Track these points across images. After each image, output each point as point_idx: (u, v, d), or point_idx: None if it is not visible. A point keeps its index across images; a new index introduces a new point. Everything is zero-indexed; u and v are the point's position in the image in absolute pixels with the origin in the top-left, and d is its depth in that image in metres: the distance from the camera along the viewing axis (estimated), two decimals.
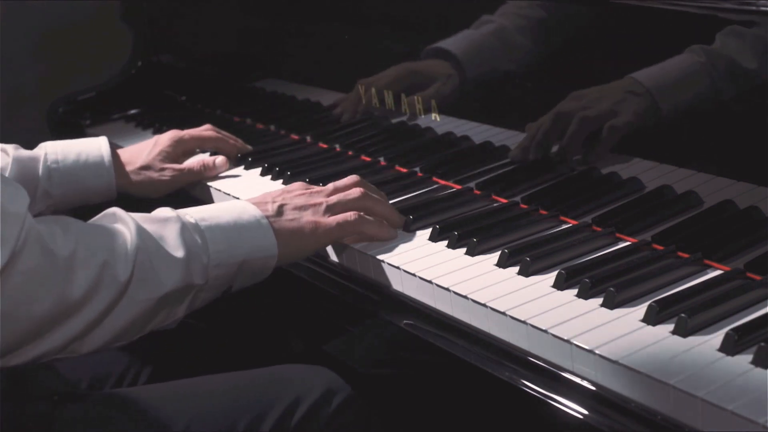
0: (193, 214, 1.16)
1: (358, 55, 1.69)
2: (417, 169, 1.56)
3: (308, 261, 1.33)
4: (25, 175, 1.51)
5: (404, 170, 1.58)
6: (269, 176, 1.64)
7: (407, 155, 1.60)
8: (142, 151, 1.66)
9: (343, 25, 1.71)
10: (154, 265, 1.08)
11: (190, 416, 1.17)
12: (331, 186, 1.31)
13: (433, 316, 1.16)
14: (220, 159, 1.67)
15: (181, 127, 1.97)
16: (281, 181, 1.61)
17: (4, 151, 1.53)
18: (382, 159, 1.64)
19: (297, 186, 1.31)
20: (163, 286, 1.08)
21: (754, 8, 1.08)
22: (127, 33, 2.34)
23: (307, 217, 1.24)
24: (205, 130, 1.75)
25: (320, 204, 1.26)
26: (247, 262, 1.16)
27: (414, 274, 1.19)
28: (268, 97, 2.01)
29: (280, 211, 1.23)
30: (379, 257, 1.25)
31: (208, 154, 1.73)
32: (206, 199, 1.65)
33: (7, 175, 1.50)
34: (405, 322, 1.18)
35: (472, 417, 1.19)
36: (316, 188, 1.31)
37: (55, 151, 1.57)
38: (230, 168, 1.70)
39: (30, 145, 1.60)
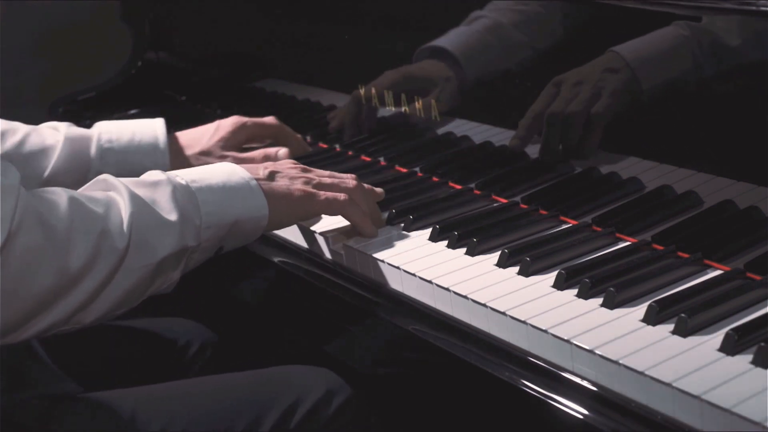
0: (183, 175, 1.16)
1: (357, 55, 1.69)
2: (417, 169, 1.56)
3: (308, 261, 1.33)
4: (76, 154, 1.49)
5: (404, 170, 1.58)
6: None
7: (407, 155, 1.60)
8: (203, 136, 1.61)
9: (343, 25, 1.71)
10: (150, 230, 1.08)
11: (188, 416, 1.17)
12: (327, 172, 1.32)
13: (433, 316, 1.16)
14: (283, 151, 1.60)
15: (182, 127, 1.98)
16: None
17: (55, 129, 1.51)
18: (382, 159, 1.64)
19: (290, 161, 1.32)
20: (159, 251, 1.09)
21: (754, 8, 1.08)
22: (127, 33, 2.34)
23: (298, 185, 1.25)
24: (270, 119, 1.68)
25: (312, 178, 1.27)
26: (239, 223, 1.17)
27: (414, 274, 1.19)
28: (268, 97, 2.01)
29: (271, 176, 1.24)
30: (380, 257, 1.25)
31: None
32: None
33: (57, 154, 1.49)
34: (405, 322, 1.18)
35: (472, 417, 1.19)
36: (307, 167, 1.32)
37: (109, 130, 1.54)
38: None
39: None
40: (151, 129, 1.56)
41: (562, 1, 1.31)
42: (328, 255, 1.34)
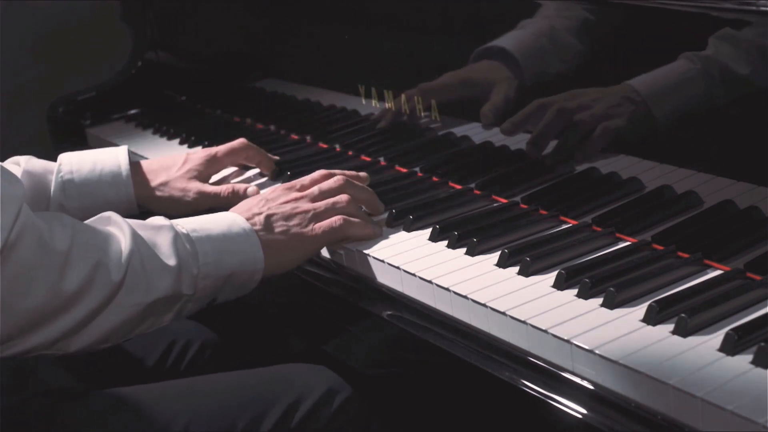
0: (184, 224, 1.18)
1: (357, 55, 1.69)
2: (417, 169, 1.56)
3: (308, 261, 1.33)
4: (35, 187, 1.47)
5: (404, 170, 1.58)
6: None
7: (407, 155, 1.60)
8: (171, 166, 1.55)
9: (343, 25, 1.71)
10: (147, 271, 1.10)
11: (190, 416, 1.17)
12: (316, 189, 1.31)
13: (433, 316, 1.16)
14: (251, 189, 1.52)
15: (182, 128, 1.98)
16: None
17: (17, 163, 1.48)
18: (382, 159, 1.64)
19: (280, 191, 1.32)
20: (153, 293, 1.10)
21: (753, 8, 1.08)
22: (127, 33, 2.34)
23: (295, 228, 1.25)
24: (240, 144, 1.62)
25: (307, 212, 1.27)
26: (235, 275, 1.18)
27: (414, 274, 1.19)
28: (268, 97, 2.01)
29: (267, 223, 1.24)
30: (379, 257, 1.25)
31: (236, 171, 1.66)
32: None
33: None
34: (405, 322, 1.18)
35: (472, 417, 1.19)
36: (298, 193, 1.31)
37: (70, 161, 1.50)
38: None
39: (29, 144, 1.59)
40: (114, 158, 1.51)
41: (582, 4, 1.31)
42: (327, 255, 1.34)
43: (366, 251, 1.27)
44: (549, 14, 1.34)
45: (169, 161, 1.57)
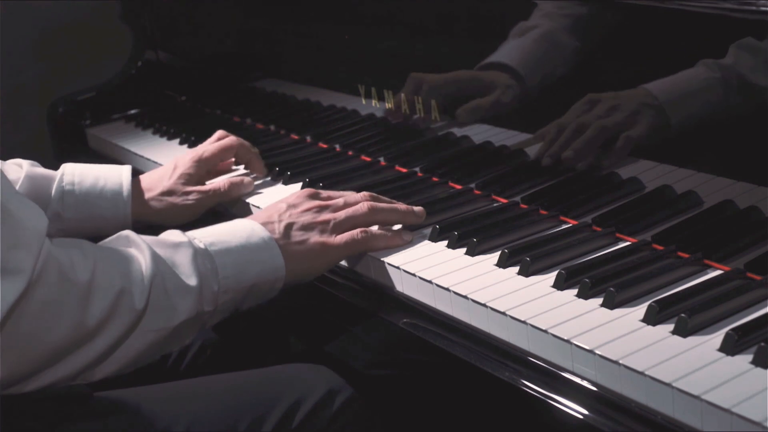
0: (202, 238, 1.15)
1: (358, 55, 1.69)
2: (417, 169, 1.56)
3: None
4: (35, 192, 1.46)
5: (404, 170, 1.58)
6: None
7: (407, 155, 1.60)
8: (163, 177, 1.54)
9: (344, 25, 1.71)
10: (169, 294, 1.08)
11: (191, 417, 1.17)
12: (341, 201, 1.30)
13: (433, 316, 1.16)
14: (248, 178, 1.56)
15: (182, 128, 1.98)
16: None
17: (19, 165, 1.48)
18: (382, 159, 1.64)
19: (303, 198, 1.29)
20: (177, 316, 1.09)
21: (753, 8, 1.08)
22: (127, 33, 2.34)
23: (315, 237, 1.23)
24: (220, 138, 1.63)
25: (328, 222, 1.25)
26: (256, 286, 1.17)
27: (414, 274, 1.19)
28: (268, 97, 2.01)
29: (287, 232, 1.22)
30: (380, 258, 1.25)
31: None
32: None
33: (17, 189, 1.48)
34: (405, 321, 1.18)
35: (472, 417, 1.19)
36: (321, 201, 1.29)
37: (72, 172, 1.49)
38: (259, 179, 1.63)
39: (29, 144, 1.59)
40: (117, 176, 1.50)
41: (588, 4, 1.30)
42: None
43: (366, 252, 1.27)
44: (549, 14, 1.34)
45: (160, 172, 1.57)
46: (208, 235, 1.16)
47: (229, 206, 1.58)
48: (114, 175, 1.51)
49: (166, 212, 1.51)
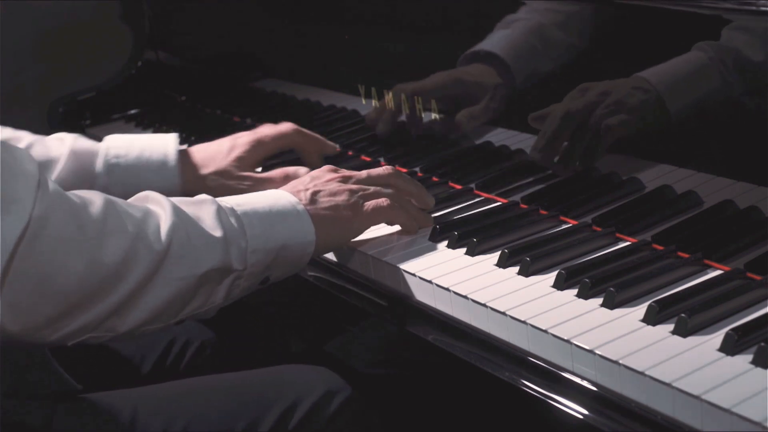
0: (228, 200, 1.15)
1: (357, 55, 1.69)
2: (417, 169, 1.56)
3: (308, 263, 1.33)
4: (81, 168, 1.45)
5: (404, 170, 1.58)
6: None
7: (407, 155, 1.60)
8: (218, 154, 1.52)
9: (344, 25, 1.71)
10: (193, 242, 1.07)
11: (190, 416, 1.17)
12: (364, 173, 1.30)
13: (433, 316, 1.16)
14: (303, 169, 1.49)
15: (182, 127, 1.98)
16: None
17: (61, 140, 1.47)
18: (382, 159, 1.64)
19: (326, 170, 1.29)
20: (202, 264, 1.07)
21: (754, 8, 1.08)
22: (127, 33, 2.34)
23: (342, 203, 1.22)
24: (288, 128, 1.60)
25: (354, 191, 1.25)
26: (285, 248, 1.15)
27: (414, 274, 1.19)
28: (268, 97, 2.01)
29: (313, 198, 1.21)
30: (379, 257, 1.25)
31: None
32: None
33: (60, 167, 1.45)
34: (404, 322, 1.18)
35: (472, 417, 1.19)
36: (347, 172, 1.29)
37: (117, 145, 1.48)
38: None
39: None
40: (162, 145, 1.49)
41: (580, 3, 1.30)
42: (331, 257, 1.34)
43: (365, 251, 1.27)
44: (540, 10, 1.34)
45: (214, 148, 1.54)
46: (234, 198, 1.16)
47: None
48: (159, 146, 1.49)
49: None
